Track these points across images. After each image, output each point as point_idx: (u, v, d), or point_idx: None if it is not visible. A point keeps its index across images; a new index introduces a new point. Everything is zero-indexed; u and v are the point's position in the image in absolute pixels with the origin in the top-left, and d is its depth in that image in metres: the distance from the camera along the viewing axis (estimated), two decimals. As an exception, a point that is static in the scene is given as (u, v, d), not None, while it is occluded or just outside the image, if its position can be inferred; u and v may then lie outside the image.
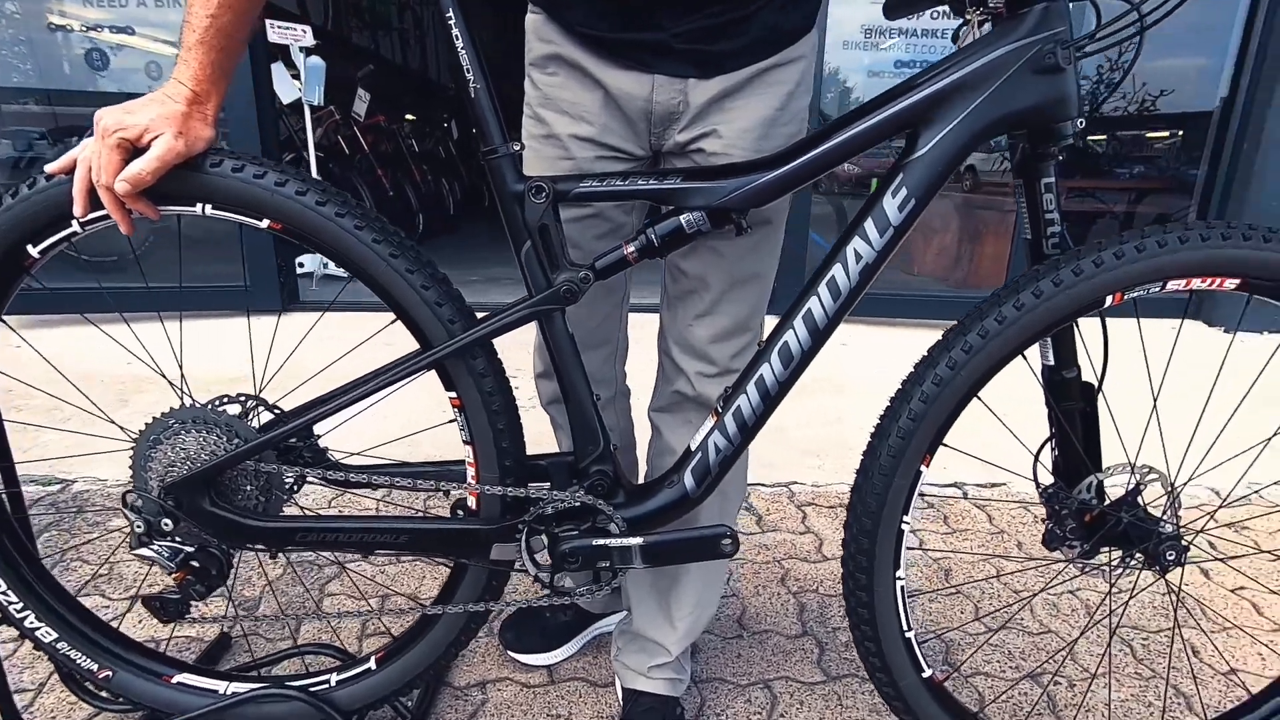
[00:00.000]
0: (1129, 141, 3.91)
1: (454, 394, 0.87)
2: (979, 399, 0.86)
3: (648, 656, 1.06)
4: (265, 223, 0.81)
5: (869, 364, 2.55)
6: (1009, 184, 3.16)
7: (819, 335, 0.82)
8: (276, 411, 0.90)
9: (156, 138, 0.74)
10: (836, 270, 0.81)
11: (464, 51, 0.78)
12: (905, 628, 0.91)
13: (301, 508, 1.65)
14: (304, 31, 3.47)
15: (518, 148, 0.81)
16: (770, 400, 0.84)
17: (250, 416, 0.90)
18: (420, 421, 1.16)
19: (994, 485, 1.88)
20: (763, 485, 1.89)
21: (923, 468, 0.87)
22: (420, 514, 1.56)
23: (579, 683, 1.19)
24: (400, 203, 5.19)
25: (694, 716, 1.13)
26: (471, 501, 0.91)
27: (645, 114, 0.90)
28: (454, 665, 1.22)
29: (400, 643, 0.99)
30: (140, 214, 0.80)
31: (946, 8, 0.87)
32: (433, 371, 0.86)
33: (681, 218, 0.81)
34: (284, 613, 1.29)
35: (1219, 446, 1.08)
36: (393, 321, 0.87)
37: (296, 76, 3.63)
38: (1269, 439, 0.91)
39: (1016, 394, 0.96)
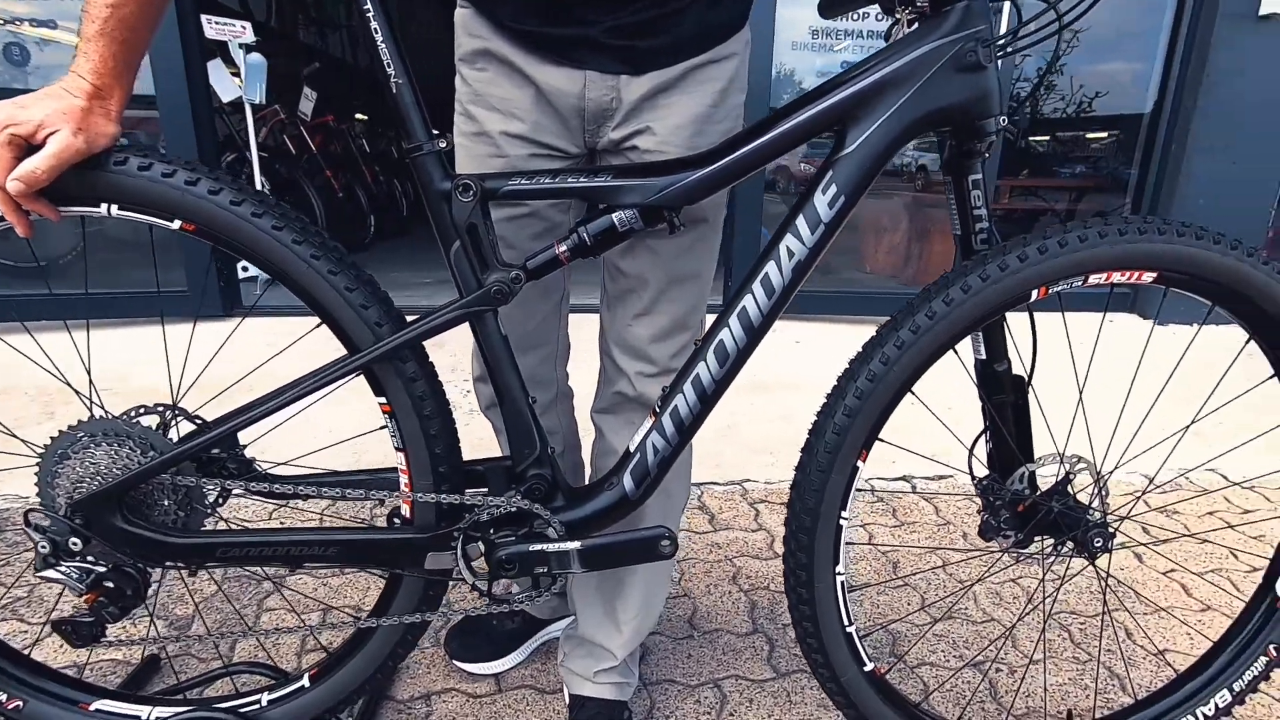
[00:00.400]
0: (1069, 142, 4.05)
1: (384, 399, 0.84)
2: (913, 394, 0.87)
3: (594, 661, 1.05)
4: (177, 224, 0.78)
5: (822, 361, 2.57)
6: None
7: (754, 333, 0.82)
8: (198, 422, 0.86)
9: (52, 134, 0.70)
10: (770, 268, 0.81)
11: (384, 45, 0.75)
12: (846, 622, 0.92)
13: (241, 521, 1.59)
14: (244, 28, 3.36)
15: (443, 144, 0.79)
16: (708, 399, 0.84)
17: (170, 428, 0.86)
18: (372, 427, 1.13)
19: (941, 478, 1.92)
20: (715, 484, 1.89)
21: (859, 463, 0.87)
22: (357, 525, 1.51)
23: (527, 690, 1.17)
24: (351, 204, 5.07)
25: (644, 718, 1.12)
26: (406, 510, 0.89)
27: (578, 111, 0.88)
28: (397, 677, 1.19)
29: (335, 658, 0.95)
30: (39, 215, 0.75)
31: (878, 7, 0.88)
32: (362, 377, 0.83)
33: (614, 216, 0.80)
34: (210, 632, 1.23)
35: (1148, 435, 1.12)
36: (317, 326, 0.84)
37: (238, 74, 3.52)
38: (1187, 426, 0.94)
39: (960, 388, 0.98)
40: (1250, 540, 1.66)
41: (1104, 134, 3.94)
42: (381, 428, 0.87)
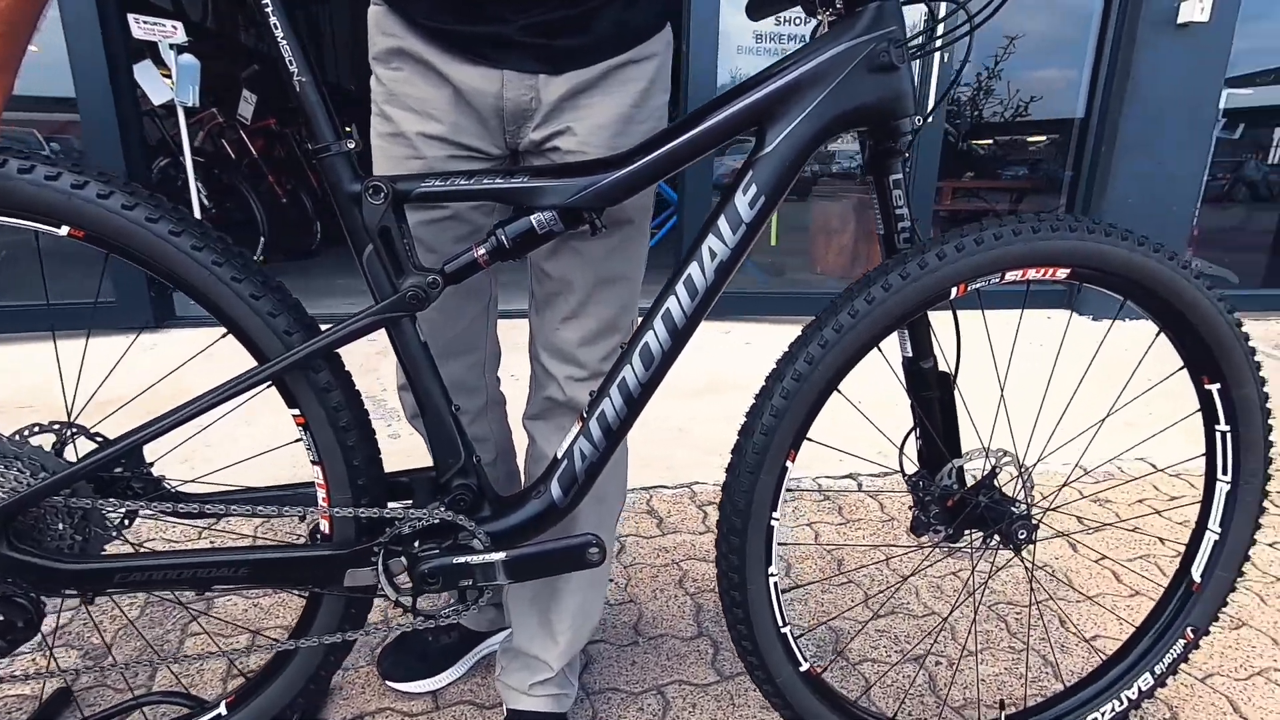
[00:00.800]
0: (1009, 145, 4.19)
1: (297, 411, 0.81)
2: (839, 392, 0.88)
3: (530, 674, 1.02)
4: (64, 230, 0.73)
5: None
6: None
7: (679, 335, 0.81)
8: (99, 440, 0.81)
9: None
10: (693, 269, 0.80)
11: (284, 42, 0.72)
12: (780, 623, 0.91)
13: (172, 544, 1.52)
14: (174, 28, 3.23)
15: (352, 145, 0.76)
16: (634, 403, 0.83)
17: (67, 446, 0.81)
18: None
19: (887, 474, 1.95)
20: (664, 487, 1.88)
21: (788, 464, 0.87)
22: (271, 543, 1.46)
23: (466, 706, 1.14)
24: (297, 210, 4.93)
25: (585, 730, 1.10)
26: (325, 525, 0.85)
27: (497, 111, 0.86)
28: (329, 700, 1.14)
29: (254, 683, 0.91)
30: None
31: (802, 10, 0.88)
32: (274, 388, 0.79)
33: (532, 218, 0.78)
34: (126, 661, 1.17)
35: (1079, 428, 1.15)
36: (224, 336, 0.80)
37: (170, 76, 3.39)
38: (1103, 419, 0.97)
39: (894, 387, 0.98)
40: (1176, 526, 1.72)
41: (1041, 137, 4.09)
42: (296, 440, 0.84)
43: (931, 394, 0.95)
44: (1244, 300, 3.64)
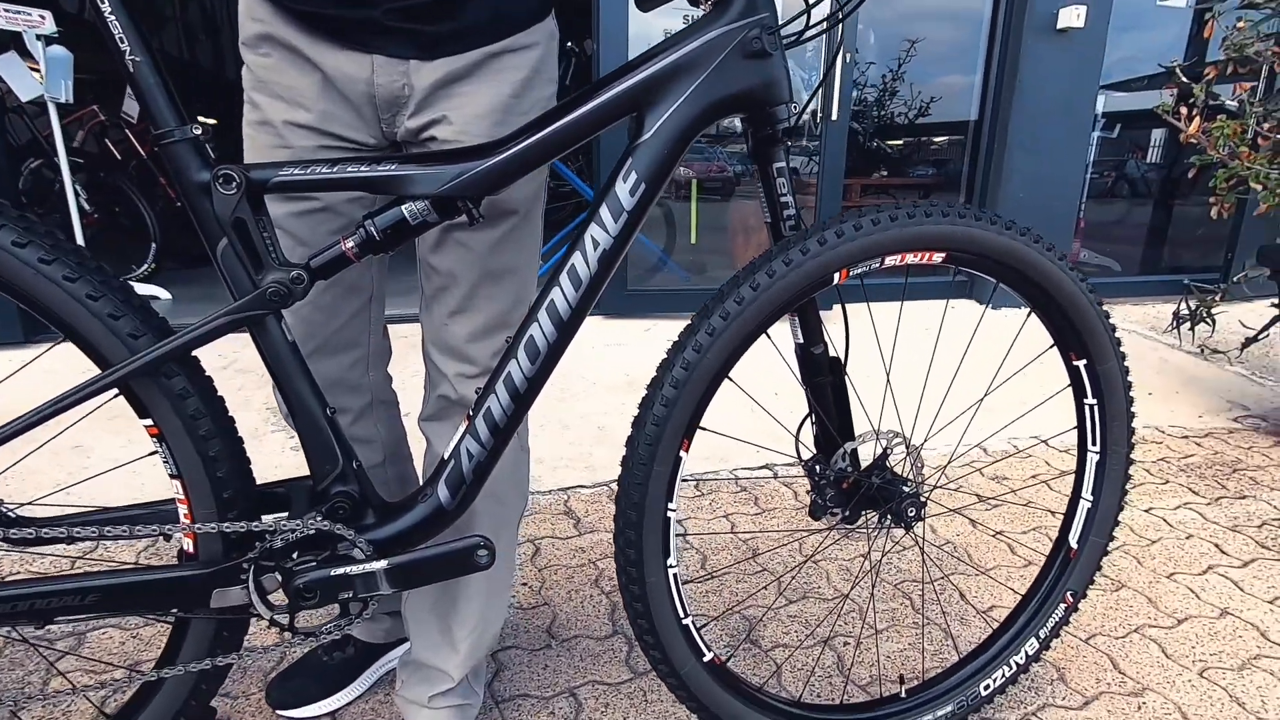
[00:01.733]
0: (914, 145, 4.37)
1: (149, 421, 0.74)
2: (730, 379, 0.88)
3: (429, 686, 0.98)
4: None
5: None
6: (813, 183, 3.41)
7: (565, 327, 0.79)
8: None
9: None
10: (576, 259, 0.78)
11: (113, 18, 0.66)
12: (682, 615, 0.91)
13: (36, 573, 1.39)
14: (42, 17, 2.98)
15: (199, 131, 0.71)
16: (521, 399, 0.80)
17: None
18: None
19: (797, 463, 1.99)
20: (583, 487, 1.86)
21: (682, 454, 0.86)
22: (124, 566, 1.36)
23: (367, 726, 1.09)
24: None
25: (493, 740, 1.07)
26: (189, 544, 0.79)
27: (369, 98, 0.82)
28: (216, 731, 1.06)
29: (117, 718, 0.83)
30: None
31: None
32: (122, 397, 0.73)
33: (403, 208, 0.75)
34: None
35: (970, 410, 1.20)
36: (60, 341, 0.73)
37: (39, 69, 3.12)
38: (981, 398, 1.01)
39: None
40: (1064, 498, 1.83)
41: (943, 138, 4.29)
42: (152, 453, 0.77)
43: (824, 379, 0.97)
44: (1124, 287, 3.93)
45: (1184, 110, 2.34)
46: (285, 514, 0.81)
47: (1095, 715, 1.13)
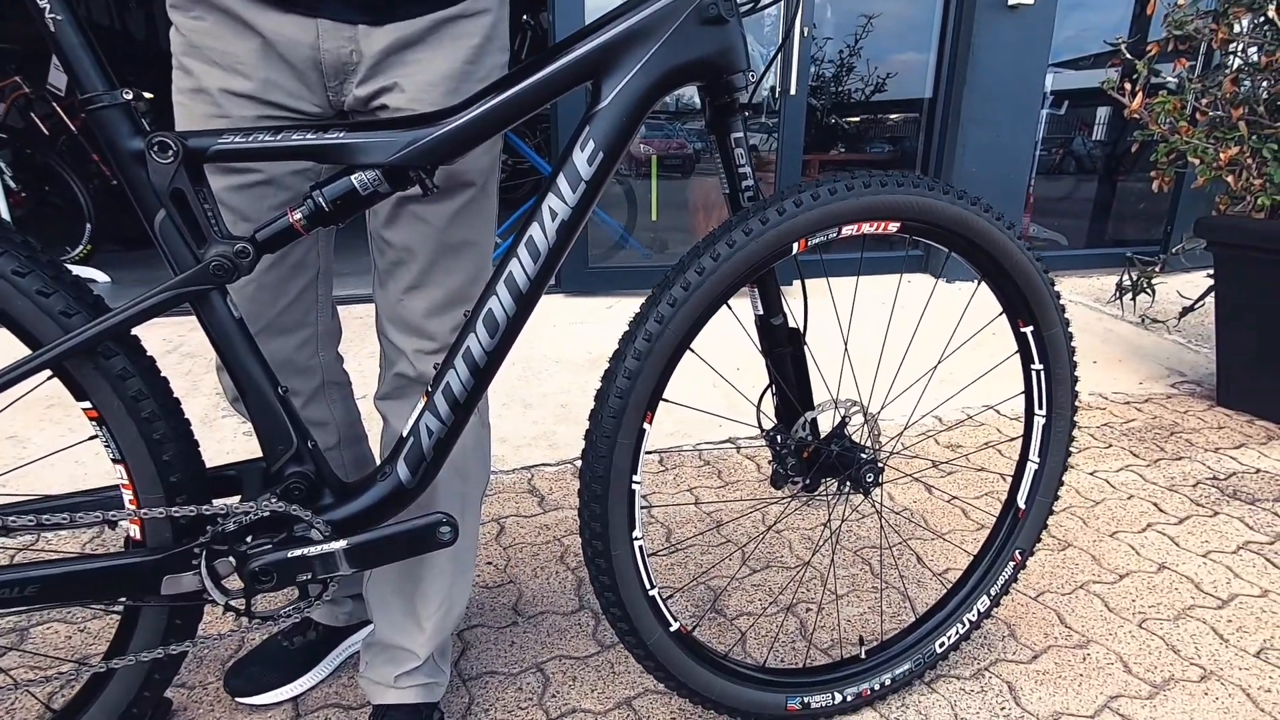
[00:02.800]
0: (872, 122, 4.41)
1: (88, 404, 0.71)
2: (692, 351, 0.88)
3: (394, 666, 0.97)
4: None
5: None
6: (773, 159, 3.42)
7: (524, 300, 0.78)
8: None
9: None
10: (534, 230, 0.77)
11: (28, -28, 0.62)
12: (648, 586, 0.92)
13: None
14: (-47, -19, 2.78)
15: (129, 96, 0.67)
16: (481, 373, 0.79)
17: None
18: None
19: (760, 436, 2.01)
20: (547, 465, 1.86)
21: (646, 426, 0.86)
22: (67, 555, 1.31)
23: (331, 710, 1.07)
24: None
25: (461, 716, 1.06)
26: (135, 531, 0.76)
27: (315, 64, 0.79)
28: (173, 719, 1.04)
29: (65, 713, 0.81)
30: None
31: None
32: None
33: (353, 178, 0.72)
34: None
35: (924, 379, 1.22)
36: (-16, 321, 0.69)
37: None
38: (934, 366, 1.04)
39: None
40: (1014, 462, 1.89)
41: (899, 115, 4.34)
42: (92, 438, 0.74)
43: (784, 350, 0.97)
44: (1071, 259, 4.06)
45: (1127, 87, 2.41)
46: (238, 497, 0.79)
47: (1043, 668, 1.19)
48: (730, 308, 0.90)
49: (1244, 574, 1.44)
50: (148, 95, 5.99)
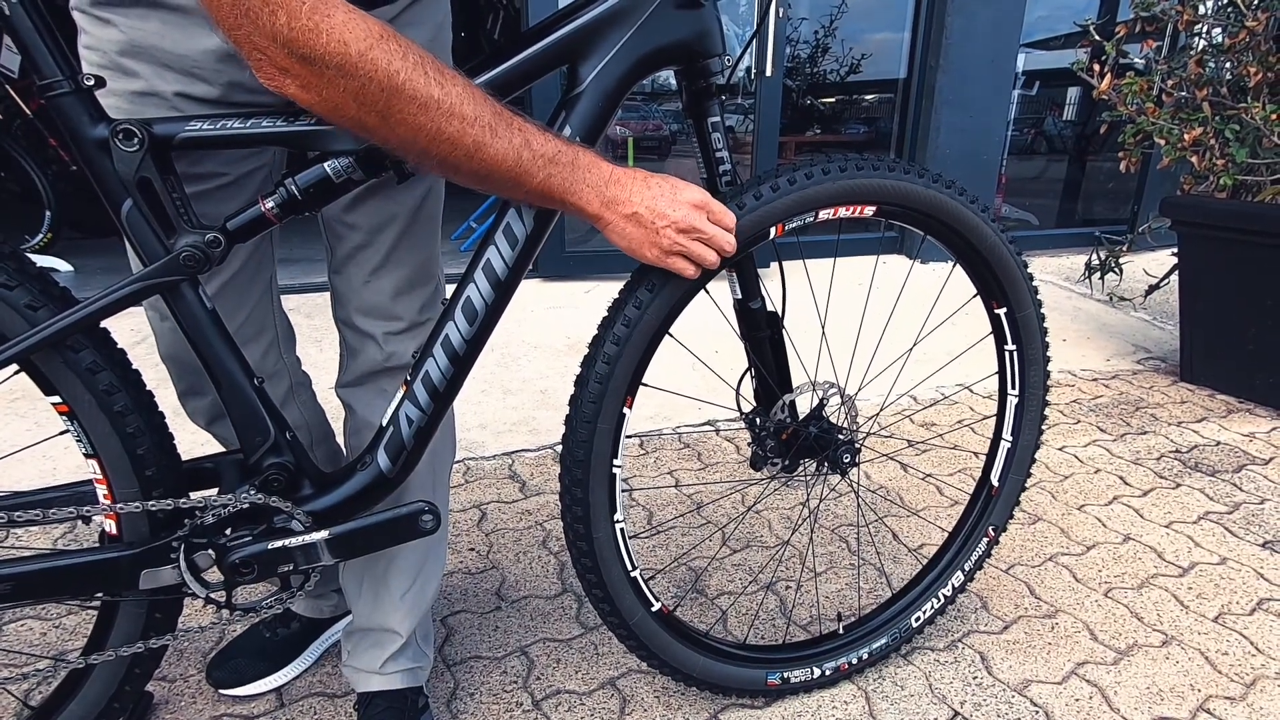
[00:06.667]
0: (848, 103, 4.41)
1: (57, 399, 0.70)
2: (671, 335, 0.89)
3: (378, 650, 0.97)
4: None
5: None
6: (750, 141, 3.41)
7: (502, 287, 0.78)
8: None
9: None
10: (511, 217, 0.77)
11: (-21, -49, 0.59)
12: (630, 567, 0.93)
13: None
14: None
15: (92, 82, 0.65)
16: (460, 361, 0.79)
17: None
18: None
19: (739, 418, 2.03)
20: (527, 450, 1.86)
21: (626, 410, 0.87)
22: (40, 550, 1.29)
23: (316, 699, 1.08)
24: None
25: (446, 700, 1.07)
26: (111, 525, 0.75)
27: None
28: (155, 713, 1.03)
29: (43, 710, 0.80)
30: None
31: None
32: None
33: (327, 165, 0.71)
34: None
35: (901, 360, 1.24)
36: (-55, 315, 0.67)
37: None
38: (910, 348, 1.05)
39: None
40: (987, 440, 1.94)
41: (874, 96, 4.35)
42: (62, 433, 0.72)
43: (762, 334, 0.98)
44: (1042, 239, 4.13)
45: (1096, 68, 2.45)
46: (215, 490, 0.78)
47: (1014, 638, 1.23)
48: (708, 292, 0.90)
49: (1204, 543, 1.50)
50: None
